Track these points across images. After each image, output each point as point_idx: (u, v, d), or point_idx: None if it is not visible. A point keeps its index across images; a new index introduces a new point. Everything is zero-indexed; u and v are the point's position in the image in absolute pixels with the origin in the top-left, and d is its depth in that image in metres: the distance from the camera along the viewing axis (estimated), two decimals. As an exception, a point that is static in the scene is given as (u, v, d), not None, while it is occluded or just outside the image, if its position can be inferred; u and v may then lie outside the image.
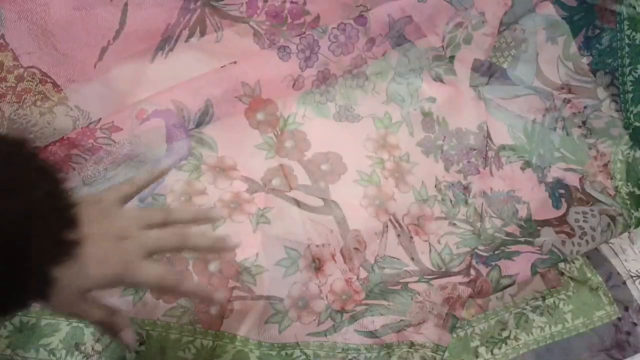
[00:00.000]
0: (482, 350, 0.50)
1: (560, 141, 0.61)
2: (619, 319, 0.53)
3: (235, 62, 0.52)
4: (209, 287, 0.46)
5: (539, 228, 0.55)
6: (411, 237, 0.53)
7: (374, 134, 0.58)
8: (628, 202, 0.56)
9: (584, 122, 0.61)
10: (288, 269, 0.50)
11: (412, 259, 0.52)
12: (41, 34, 0.48)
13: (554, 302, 0.53)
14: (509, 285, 0.51)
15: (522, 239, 0.54)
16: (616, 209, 0.55)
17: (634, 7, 0.56)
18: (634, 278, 0.55)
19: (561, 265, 0.54)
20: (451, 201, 0.56)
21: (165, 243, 0.33)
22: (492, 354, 0.50)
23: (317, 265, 0.50)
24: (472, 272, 0.52)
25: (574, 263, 0.55)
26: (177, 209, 0.34)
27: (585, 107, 0.60)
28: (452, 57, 0.61)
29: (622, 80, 0.58)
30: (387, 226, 0.53)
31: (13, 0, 0.46)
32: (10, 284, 0.24)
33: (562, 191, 0.58)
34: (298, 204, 0.52)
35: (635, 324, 0.53)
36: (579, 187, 0.58)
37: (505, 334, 0.51)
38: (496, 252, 0.53)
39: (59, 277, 0.27)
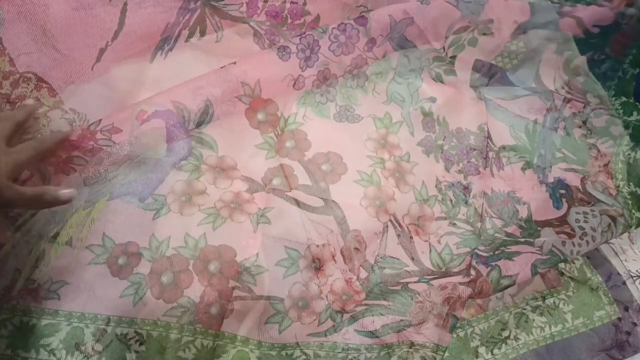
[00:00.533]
0: (482, 350, 0.51)
1: (562, 141, 0.61)
2: (619, 319, 0.53)
3: (235, 62, 0.52)
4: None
5: (539, 228, 0.55)
6: (411, 237, 0.53)
7: (375, 134, 0.58)
8: (630, 201, 0.56)
9: (584, 122, 0.61)
10: (288, 269, 0.50)
11: (412, 259, 0.52)
12: (41, 34, 0.48)
13: (554, 302, 0.53)
14: (509, 286, 0.51)
15: (523, 240, 0.54)
16: (617, 209, 0.55)
17: None
18: (634, 278, 0.55)
19: (561, 265, 0.54)
20: (451, 201, 0.56)
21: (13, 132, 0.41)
22: (492, 354, 0.51)
23: (317, 266, 0.50)
24: (472, 272, 0.52)
25: (574, 263, 0.55)
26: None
27: (585, 107, 0.61)
28: (453, 58, 0.61)
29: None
30: (387, 226, 0.53)
31: (12, 1, 0.46)
32: None
33: (562, 191, 0.58)
34: (298, 204, 0.52)
35: (635, 324, 0.53)
36: (580, 187, 0.58)
37: (505, 334, 0.51)
38: (496, 252, 0.53)
39: None
